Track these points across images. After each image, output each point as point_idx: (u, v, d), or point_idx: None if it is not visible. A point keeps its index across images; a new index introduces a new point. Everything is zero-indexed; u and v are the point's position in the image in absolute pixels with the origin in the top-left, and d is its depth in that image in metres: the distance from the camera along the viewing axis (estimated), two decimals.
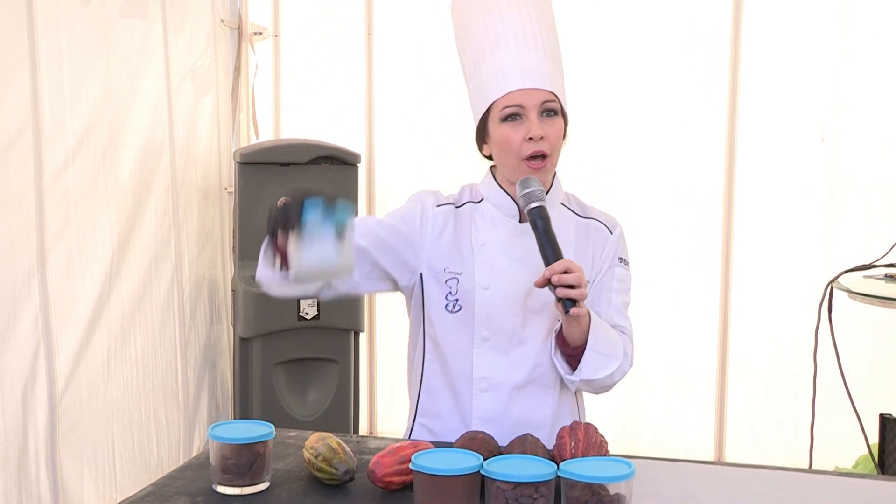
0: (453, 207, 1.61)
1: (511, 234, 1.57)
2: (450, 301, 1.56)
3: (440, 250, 1.57)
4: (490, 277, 1.55)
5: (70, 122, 2.62)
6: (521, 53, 1.50)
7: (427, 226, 1.57)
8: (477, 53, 1.55)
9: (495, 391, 1.55)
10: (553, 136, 1.51)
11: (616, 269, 1.64)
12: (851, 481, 1.40)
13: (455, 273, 1.56)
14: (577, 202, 1.67)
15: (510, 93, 1.49)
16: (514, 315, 1.55)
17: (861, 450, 2.83)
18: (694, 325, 3.43)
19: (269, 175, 3.26)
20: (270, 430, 1.36)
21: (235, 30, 3.59)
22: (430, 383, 1.60)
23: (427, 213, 1.58)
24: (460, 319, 1.55)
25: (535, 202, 1.46)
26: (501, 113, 1.51)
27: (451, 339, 1.57)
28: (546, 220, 1.45)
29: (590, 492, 1.16)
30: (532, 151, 1.50)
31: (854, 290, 2.28)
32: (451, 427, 1.57)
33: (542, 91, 1.50)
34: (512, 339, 1.55)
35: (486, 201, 1.60)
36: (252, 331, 3.20)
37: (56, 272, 2.56)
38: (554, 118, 1.51)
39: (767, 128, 3.32)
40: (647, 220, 3.42)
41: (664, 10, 3.36)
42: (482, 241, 1.57)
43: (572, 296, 1.40)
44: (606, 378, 1.54)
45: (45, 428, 2.53)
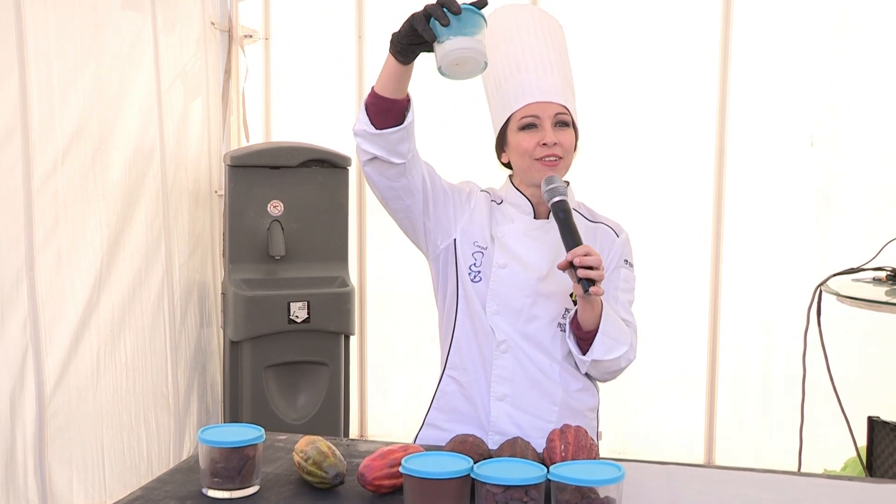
0: (489, 196, 1.80)
1: (528, 228, 1.74)
2: (473, 271, 1.72)
3: (475, 224, 1.74)
4: (506, 259, 1.72)
5: (59, 124, 2.61)
6: (538, 75, 1.72)
7: (472, 201, 1.76)
8: (499, 75, 1.74)
9: (514, 352, 1.70)
10: (565, 143, 1.70)
11: (622, 270, 1.80)
12: (840, 484, 1.41)
13: (481, 248, 1.73)
14: (588, 209, 1.86)
15: (528, 104, 1.70)
16: (524, 295, 1.70)
17: (850, 452, 2.85)
18: (684, 327, 3.44)
19: (260, 178, 3.25)
20: (260, 433, 1.35)
21: (226, 32, 3.58)
22: (461, 339, 1.74)
23: (474, 192, 1.78)
24: (478, 290, 1.72)
25: (558, 196, 1.63)
26: (520, 122, 1.70)
27: (475, 305, 1.73)
28: (568, 213, 1.62)
29: (579, 495, 1.16)
30: (545, 154, 1.68)
31: (843, 293, 2.29)
32: (476, 381, 1.72)
33: (556, 104, 1.70)
34: (520, 317, 1.70)
35: (505, 202, 1.78)
36: (242, 334, 3.19)
37: (45, 275, 2.55)
38: (566, 129, 1.71)
39: (757, 131, 3.34)
40: (638, 223, 3.41)
41: (654, 11, 3.37)
42: (501, 233, 1.75)
43: (591, 276, 1.55)
44: (614, 362, 1.69)
45: (33, 431, 2.52)
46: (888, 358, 2.91)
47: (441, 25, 1.39)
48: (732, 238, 3.39)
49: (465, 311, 1.74)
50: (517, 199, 1.76)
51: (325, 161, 3.31)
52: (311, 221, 3.31)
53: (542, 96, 1.70)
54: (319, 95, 3.67)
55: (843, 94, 3.25)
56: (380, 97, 1.56)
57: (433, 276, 1.79)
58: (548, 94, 1.70)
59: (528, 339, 1.71)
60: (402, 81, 1.56)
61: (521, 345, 1.70)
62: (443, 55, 1.40)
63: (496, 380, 1.70)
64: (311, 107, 3.68)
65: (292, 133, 3.60)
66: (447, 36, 1.39)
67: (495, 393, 1.70)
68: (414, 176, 1.64)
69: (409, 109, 1.59)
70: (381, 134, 1.56)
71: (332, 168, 3.32)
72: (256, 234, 3.27)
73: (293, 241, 3.29)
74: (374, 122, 1.57)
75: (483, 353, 1.72)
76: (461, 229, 1.74)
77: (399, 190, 1.64)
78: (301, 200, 3.30)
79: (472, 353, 1.73)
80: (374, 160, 1.60)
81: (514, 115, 1.71)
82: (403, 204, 1.67)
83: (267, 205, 3.28)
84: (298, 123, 3.65)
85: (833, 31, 3.25)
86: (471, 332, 1.73)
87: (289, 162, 3.26)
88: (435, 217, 1.71)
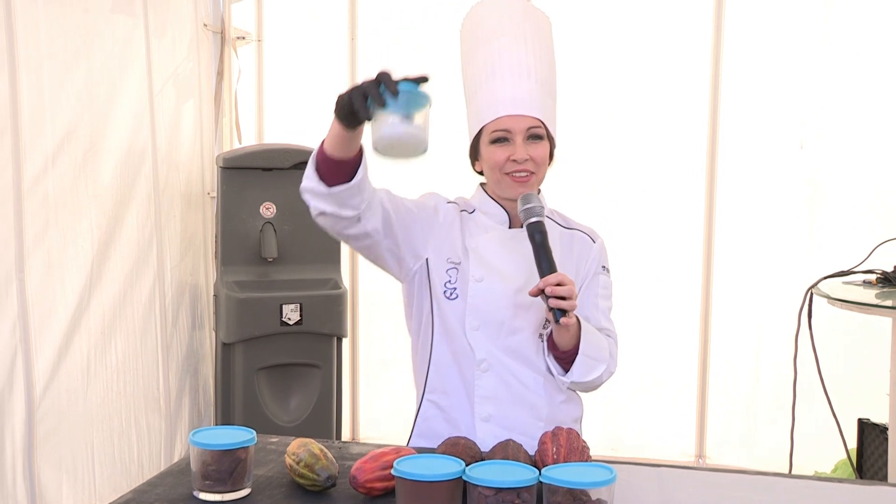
0: (457, 207, 1.74)
1: (502, 238, 1.69)
2: (448, 288, 1.67)
3: (447, 240, 1.69)
4: (483, 272, 1.67)
5: (50, 126, 2.60)
6: (513, 82, 1.64)
7: (440, 216, 1.70)
8: (475, 80, 1.69)
9: (494, 371, 1.66)
10: (537, 157, 1.64)
11: (600, 276, 1.77)
12: (830, 486, 1.42)
13: (455, 263, 1.68)
14: (560, 215, 1.80)
15: (500, 118, 1.63)
16: (503, 308, 1.66)
17: (840, 454, 2.86)
18: (675, 328, 3.45)
19: (252, 180, 3.25)
20: (252, 435, 1.35)
21: (218, 34, 3.58)
22: (440, 361, 1.70)
23: (440, 206, 1.72)
24: (456, 307, 1.67)
25: (534, 217, 1.59)
26: (491, 136, 1.65)
27: (452, 324, 1.68)
28: (544, 235, 1.57)
29: (571, 497, 1.16)
30: (515, 169, 1.63)
31: (833, 295, 2.30)
32: (458, 404, 1.67)
33: (528, 118, 1.63)
34: (501, 331, 1.66)
35: (478, 211, 1.73)
36: (234, 336, 3.19)
37: (35, 277, 2.54)
38: (539, 142, 1.65)
39: (748, 134, 3.36)
40: (630, 226, 3.44)
41: (646, 15, 3.39)
42: (475, 244, 1.70)
43: (563, 306, 1.51)
44: (595, 380, 1.66)
45: (22, 434, 2.51)
46: (878, 360, 2.92)
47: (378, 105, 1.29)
48: (723, 240, 3.41)
49: (441, 332, 1.68)
50: (491, 208, 1.71)
51: None
52: (303, 223, 3.30)
53: (514, 109, 1.63)
54: (312, 97, 3.67)
55: (832, 97, 3.27)
56: (329, 157, 1.49)
57: (405, 300, 1.73)
58: (521, 106, 1.63)
59: (511, 352, 1.66)
60: (351, 143, 1.48)
61: (504, 360, 1.65)
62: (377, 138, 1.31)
63: (479, 400, 1.65)
64: (303, 108, 3.68)
65: (285, 135, 3.59)
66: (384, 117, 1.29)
67: (479, 413, 1.65)
68: (369, 220, 1.56)
69: (361, 164, 1.51)
70: (330, 193, 1.49)
71: None
72: (249, 235, 3.26)
73: (285, 243, 3.28)
74: (325, 178, 1.50)
75: (463, 373, 1.66)
76: (432, 248, 1.68)
77: (355, 236, 1.59)
78: (293, 202, 3.29)
79: (451, 375, 1.68)
80: (323, 214, 1.54)
81: (486, 127, 1.65)
82: (362, 244, 1.62)
83: (259, 207, 3.27)
84: (291, 125, 3.65)
85: (822, 35, 3.27)
86: (449, 353, 1.68)
87: (281, 164, 3.26)
88: (404, 242, 1.65)
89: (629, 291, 3.40)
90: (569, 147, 3.42)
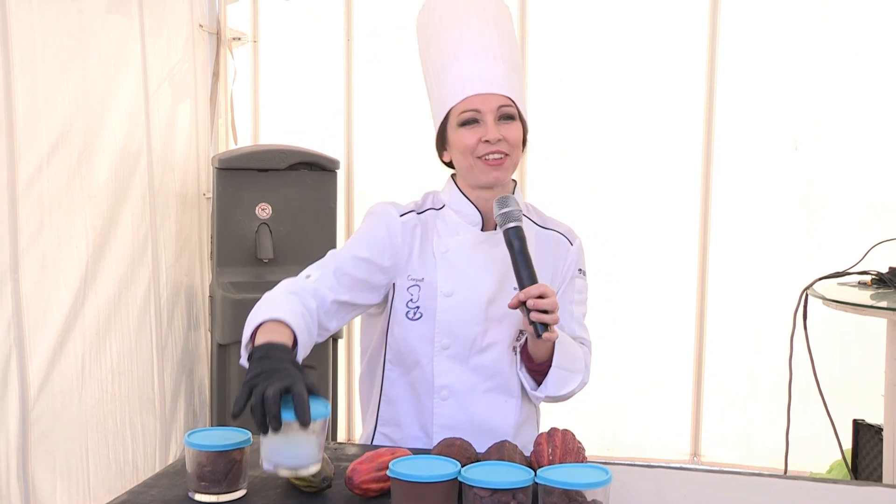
0: (415, 214, 1.61)
1: (474, 242, 1.57)
2: (410, 308, 1.55)
3: (404, 259, 1.57)
4: (452, 285, 1.55)
5: (45, 126, 2.60)
6: (479, 63, 1.53)
7: (396, 239, 1.57)
8: (438, 66, 1.57)
9: (456, 399, 1.56)
10: (511, 138, 1.52)
11: (577, 280, 1.65)
12: (825, 486, 1.42)
13: (416, 280, 1.56)
14: (537, 212, 1.68)
15: (468, 98, 1.51)
16: (475, 324, 1.55)
17: (835, 455, 2.86)
18: (671, 329, 3.46)
19: (248, 181, 3.25)
20: (247, 437, 1.35)
21: (214, 35, 3.57)
22: (391, 392, 1.60)
23: (392, 227, 1.57)
24: (422, 326, 1.55)
25: (512, 222, 1.47)
26: (459, 118, 1.53)
27: (412, 347, 1.56)
28: (522, 241, 1.46)
29: (567, 498, 1.16)
30: (488, 151, 1.51)
31: (828, 297, 2.30)
32: (412, 436, 1.58)
33: (498, 96, 1.51)
34: (472, 348, 1.56)
35: (448, 208, 1.60)
36: (230, 337, 3.18)
37: (29, 278, 2.53)
38: (511, 122, 1.53)
39: (744, 136, 3.37)
40: (626, 227, 3.44)
41: (642, 16, 3.39)
42: (444, 247, 1.57)
43: (545, 320, 1.41)
44: (568, 393, 1.58)
45: (16, 436, 2.50)
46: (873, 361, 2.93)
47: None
48: (719, 241, 3.41)
49: (394, 359, 1.57)
50: (463, 206, 1.58)
51: (313, 164, 3.30)
52: (299, 224, 3.30)
53: (483, 87, 1.50)
54: (308, 98, 3.67)
55: (829, 98, 3.28)
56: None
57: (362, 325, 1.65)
58: (490, 84, 1.51)
59: (482, 372, 1.55)
60: None
61: (470, 384, 1.54)
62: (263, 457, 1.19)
63: (438, 430, 1.55)
64: (299, 109, 3.68)
65: (281, 136, 3.59)
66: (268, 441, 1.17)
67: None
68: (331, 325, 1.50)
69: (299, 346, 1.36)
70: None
71: (320, 171, 3.32)
72: (244, 236, 3.26)
73: (281, 243, 3.28)
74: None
75: (421, 402, 1.56)
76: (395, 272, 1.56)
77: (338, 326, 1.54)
78: (289, 203, 3.29)
79: (405, 406, 1.57)
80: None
81: (453, 110, 1.53)
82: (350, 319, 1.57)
83: (255, 207, 3.27)
84: (287, 126, 3.65)
85: (818, 36, 3.28)
86: (403, 382, 1.57)
87: (277, 165, 3.26)
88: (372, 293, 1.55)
89: (624, 292, 3.41)
90: (565, 148, 3.45)
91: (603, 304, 3.34)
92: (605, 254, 3.39)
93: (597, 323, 3.32)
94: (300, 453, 1.18)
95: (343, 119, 3.63)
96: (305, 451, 1.18)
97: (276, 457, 1.18)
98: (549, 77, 3.40)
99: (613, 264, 3.39)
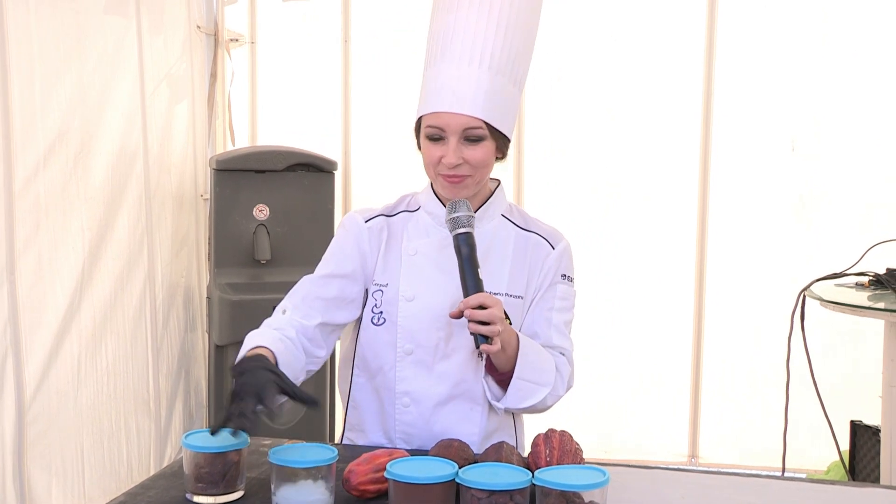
0: (385, 217, 1.59)
1: (442, 244, 1.53)
2: (375, 314, 1.54)
3: (369, 267, 1.56)
4: (415, 288, 1.53)
5: (41, 127, 2.59)
6: (460, 71, 1.46)
7: (363, 247, 1.56)
8: (429, 55, 1.53)
9: (417, 406, 1.54)
10: (474, 160, 1.47)
11: (558, 286, 1.59)
12: (823, 487, 1.42)
13: (380, 285, 1.55)
14: (521, 214, 1.64)
15: (436, 112, 1.47)
16: (438, 329, 1.52)
17: (833, 456, 2.86)
18: (669, 330, 3.46)
19: (246, 182, 3.24)
20: (244, 438, 1.34)
21: (211, 36, 3.57)
22: (357, 398, 1.60)
23: (360, 235, 1.57)
24: (385, 331, 1.54)
25: (461, 228, 1.44)
26: (426, 131, 1.50)
27: (377, 352, 1.55)
28: (471, 248, 1.44)
29: (564, 500, 1.16)
30: (447, 173, 1.49)
31: (826, 298, 2.31)
32: (375, 442, 1.57)
33: (466, 117, 1.45)
34: (436, 353, 1.53)
35: (422, 210, 1.59)
36: (227, 338, 3.18)
37: (25, 279, 2.53)
38: (476, 144, 1.47)
39: (741, 137, 3.37)
40: (623, 228, 3.44)
41: (640, 16, 3.40)
42: (413, 249, 1.55)
43: (482, 332, 1.39)
44: (538, 404, 1.53)
45: (12, 437, 2.49)
46: (871, 362, 2.93)
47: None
48: (716, 242, 3.42)
49: (361, 366, 1.57)
50: (434, 208, 1.56)
51: (310, 165, 3.30)
52: (296, 225, 3.30)
53: (452, 106, 1.44)
54: (305, 99, 3.67)
55: (827, 99, 3.29)
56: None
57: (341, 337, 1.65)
58: (461, 102, 1.44)
59: (446, 379, 1.52)
60: None
61: (433, 392, 1.52)
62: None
63: (400, 436, 1.54)
64: (297, 111, 3.67)
65: (278, 137, 3.59)
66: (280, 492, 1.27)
67: None
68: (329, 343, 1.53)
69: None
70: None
71: (317, 172, 3.32)
72: (242, 237, 3.26)
73: (279, 244, 3.28)
74: None
75: (384, 408, 1.55)
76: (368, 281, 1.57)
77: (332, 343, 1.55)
78: (287, 204, 3.29)
79: (370, 412, 1.57)
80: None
81: (423, 118, 1.50)
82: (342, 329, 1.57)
83: (252, 209, 3.26)
84: (284, 127, 3.65)
85: (815, 37, 3.29)
86: (369, 388, 1.57)
87: (275, 166, 3.25)
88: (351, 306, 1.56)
89: (623, 293, 3.41)
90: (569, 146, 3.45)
91: (602, 304, 3.35)
92: (605, 254, 3.39)
93: (595, 323, 3.36)
94: (311, 499, 1.24)
95: (340, 120, 3.63)
96: (316, 498, 1.25)
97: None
98: (549, 77, 3.40)
99: (613, 264, 3.40)
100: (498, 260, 1.56)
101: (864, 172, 3.27)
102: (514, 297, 1.56)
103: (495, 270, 1.54)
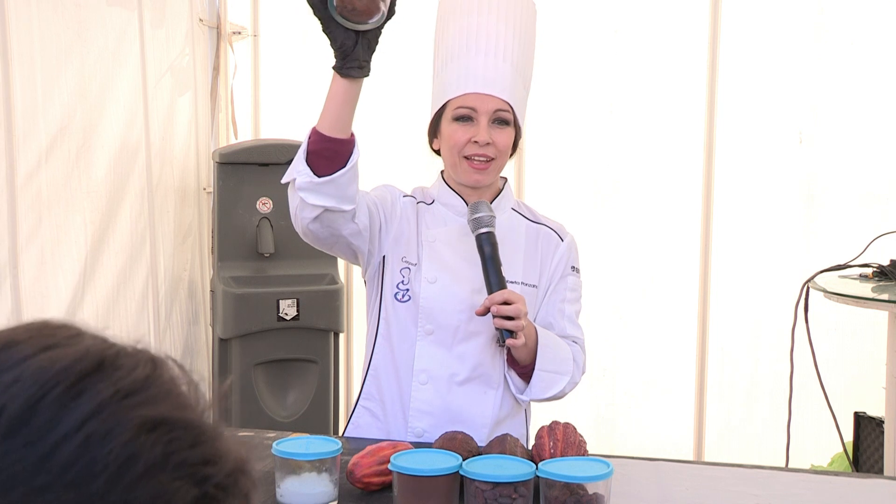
0: (414, 200, 1.65)
1: (461, 232, 1.58)
2: (400, 290, 1.58)
3: (402, 238, 1.60)
4: (436, 272, 1.58)
5: (43, 121, 2.59)
6: (487, 60, 1.54)
7: (396, 210, 1.61)
8: (448, 53, 1.59)
9: (434, 384, 1.57)
10: (500, 144, 1.55)
11: (568, 278, 1.65)
12: (827, 479, 1.42)
13: (410, 263, 1.59)
14: (528, 208, 1.71)
15: (467, 94, 1.54)
16: (458, 311, 1.56)
17: (836, 448, 2.86)
18: (673, 324, 3.45)
19: (249, 175, 3.24)
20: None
21: (214, 29, 3.56)
22: (378, 368, 1.62)
23: (396, 200, 1.63)
24: (407, 309, 1.58)
25: (484, 227, 1.50)
26: (455, 112, 1.55)
27: (399, 328, 1.59)
28: (494, 247, 1.49)
29: (568, 491, 1.16)
30: (475, 153, 1.54)
31: (830, 289, 2.30)
32: (391, 414, 1.59)
33: (497, 99, 1.53)
34: (456, 335, 1.57)
35: (437, 202, 1.64)
36: (231, 331, 3.18)
37: (28, 273, 2.53)
38: (504, 127, 1.55)
39: (745, 130, 3.35)
40: (626, 222, 3.43)
41: (644, 11, 3.38)
42: (432, 237, 1.60)
43: (508, 327, 1.44)
44: (558, 393, 1.58)
45: None
46: (874, 354, 2.93)
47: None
48: (721, 235, 3.41)
49: (385, 336, 1.59)
50: (450, 199, 1.61)
51: None
52: None
53: (484, 87, 1.52)
54: (309, 92, 3.65)
55: (831, 91, 3.27)
56: (328, 139, 1.45)
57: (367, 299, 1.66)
58: (492, 85, 1.52)
59: (465, 360, 1.55)
60: (349, 106, 1.50)
61: (451, 371, 1.55)
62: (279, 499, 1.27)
63: (414, 414, 1.56)
64: (300, 104, 3.66)
65: (281, 130, 3.58)
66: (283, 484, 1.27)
67: (413, 429, 1.55)
68: (360, 216, 1.50)
69: (356, 147, 1.48)
70: (330, 180, 1.43)
71: None
72: (245, 231, 3.25)
73: (282, 238, 3.28)
74: (317, 170, 1.45)
75: (401, 383, 1.57)
76: (389, 245, 1.59)
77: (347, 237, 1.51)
78: None
79: (390, 384, 1.59)
80: (321, 214, 1.45)
81: (450, 102, 1.55)
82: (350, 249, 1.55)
83: (256, 202, 3.26)
84: (287, 120, 3.64)
85: (821, 29, 3.27)
86: (390, 360, 1.59)
87: (278, 159, 3.25)
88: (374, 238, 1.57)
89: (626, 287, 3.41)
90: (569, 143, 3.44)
91: (604, 301, 3.34)
92: (606, 250, 3.38)
93: (598, 321, 3.36)
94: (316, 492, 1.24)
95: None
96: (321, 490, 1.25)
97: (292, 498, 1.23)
98: (549, 73, 3.39)
99: (614, 260, 3.39)
100: (511, 250, 1.60)
101: (868, 164, 3.26)
102: (529, 286, 1.61)
103: (510, 261, 1.58)
